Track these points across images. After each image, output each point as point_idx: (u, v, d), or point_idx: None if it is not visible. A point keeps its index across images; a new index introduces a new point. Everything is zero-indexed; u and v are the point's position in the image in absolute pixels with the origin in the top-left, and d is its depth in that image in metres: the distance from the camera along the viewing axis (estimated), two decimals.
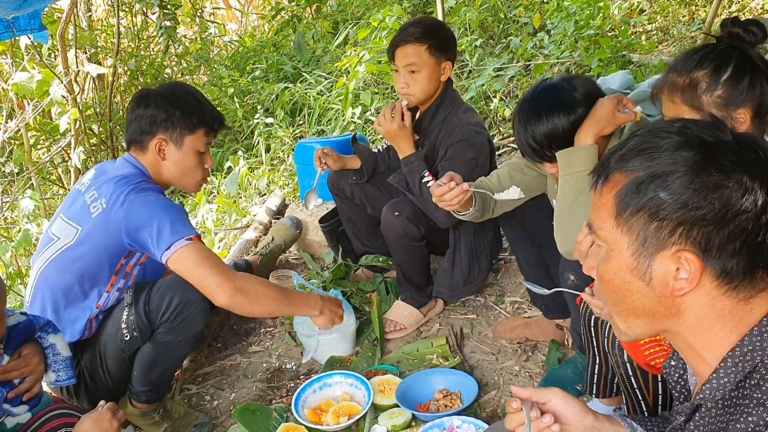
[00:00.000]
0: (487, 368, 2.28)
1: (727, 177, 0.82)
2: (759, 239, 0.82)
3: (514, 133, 1.85)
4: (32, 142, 5.41)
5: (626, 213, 0.87)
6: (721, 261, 0.83)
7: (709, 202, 0.81)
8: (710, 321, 0.87)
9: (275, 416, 2.10)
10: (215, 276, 1.87)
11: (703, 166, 0.82)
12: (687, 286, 0.85)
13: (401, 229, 2.38)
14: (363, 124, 4.57)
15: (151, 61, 6.56)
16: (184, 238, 1.86)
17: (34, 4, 2.44)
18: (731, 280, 0.84)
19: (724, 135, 0.86)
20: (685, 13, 5.54)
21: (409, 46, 2.32)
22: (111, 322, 2.02)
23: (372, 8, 6.22)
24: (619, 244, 0.89)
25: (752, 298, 0.85)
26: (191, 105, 2.06)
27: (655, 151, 0.86)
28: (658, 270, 0.86)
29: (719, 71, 1.41)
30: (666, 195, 0.83)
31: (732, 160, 0.82)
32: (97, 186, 2.01)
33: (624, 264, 0.89)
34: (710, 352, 0.89)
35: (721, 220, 0.81)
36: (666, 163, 0.84)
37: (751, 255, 0.83)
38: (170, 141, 2.04)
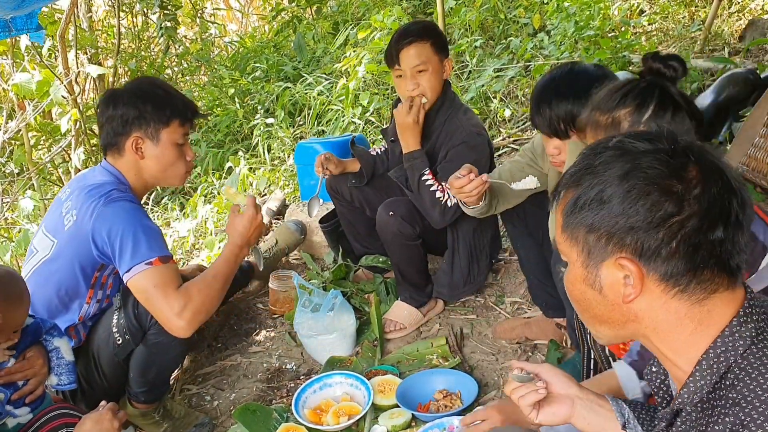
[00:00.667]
0: (487, 368, 2.28)
1: (653, 184, 0.85)
2: (695, 241, 0.84)
3: (533, 103, 1.85)
4: (33, 142, 5.41)
5: (570, 227, 0.93)
6: (660, 265, 0.86)
7: (636, 210, 0.85)
8: (668, 325, 0.90)
9: (275, 416, 2.11)
10: (164, 311, 1.81)
11: (628, 175, 0.86)
12: (633, 292, 0.88)
13: (396, 228, 2.39)
14: (363, 125, 4.57)
15: (151, 62, 6.57)
16: (143, 262, 1.80)
17: (32, 4, 2.45)
18: (676, 283, 0.87)
19: (659, 143, 0.89)
20: (684, 13, 5.54)
21: (414, 46, 2.32)
22: (102, 327, 2.01)
23: (372, 9, 6.22)
24: (572, 257, 0.94)
25: (706, 299, 0.88)
26: (161, 97, 2.00)
27: (592, 166, 0.91)
28: (606, 279, 0.91)
29: (641, 109, 1.39)
30: (599, 207, 0.88)
31: (658, 166, 0.86)
32: (73, 196, 1.97)
33: (578, 275, 0.95)
34: (679, 356, 0.91)
35: (650, 225, 0.85)
36: (600, 177, 0.89)
37: (689, 257, 0.85)
38: (146, 137, 1.98)
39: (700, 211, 0.84)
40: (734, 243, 0.86)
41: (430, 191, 2.31)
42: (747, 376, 0.84)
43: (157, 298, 1.81)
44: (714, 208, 0.84)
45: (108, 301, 2.04)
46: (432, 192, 2.31)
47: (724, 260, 0.86)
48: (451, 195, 2.29)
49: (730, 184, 0.87)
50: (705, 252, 0.85)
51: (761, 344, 0.86)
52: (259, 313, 2.89)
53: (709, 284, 0.87)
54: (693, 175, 0.85)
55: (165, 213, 4.52)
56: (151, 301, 1.82)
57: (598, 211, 0.88)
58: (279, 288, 2.80)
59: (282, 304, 2.81)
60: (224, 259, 2.00)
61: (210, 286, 1.91)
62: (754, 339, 0.86)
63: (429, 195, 2.31)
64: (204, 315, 1.88)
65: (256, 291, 3.05)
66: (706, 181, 0.85)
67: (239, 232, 2.01)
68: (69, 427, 1.61)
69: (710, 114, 3.46)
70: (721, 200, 0.85)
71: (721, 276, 0.87)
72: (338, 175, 2.74)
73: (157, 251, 1.84)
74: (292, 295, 2.75)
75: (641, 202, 0.85)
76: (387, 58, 2.41)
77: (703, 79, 4.16)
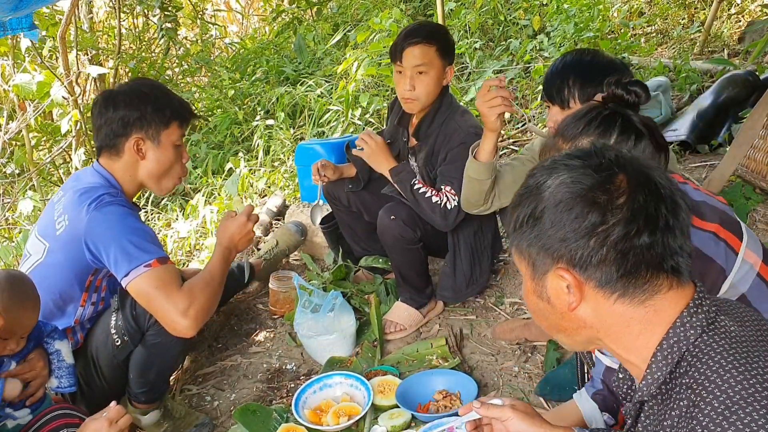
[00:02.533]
0: (486, 369, 2.29)
1: (578, 197, 0.90)
2: (622, 247, 0.89)
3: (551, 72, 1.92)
4: (33, 143, 5.42)
5: (515, 245, 1.00)
6: (594, 272, 0.91)
7: (563, 223, 0.91)
8: (617, 327, 0.94)
9: (275, 417, 2.11)
10: (169, 312, 1.80)
11: (557, 192, 0.92)
12: (575, 300, 0.94)
13: (397, 232, 2.39)
14: (363, 126, 4.58)
15: (152, 63, 6.57)
16: (141, 264, 1.79)
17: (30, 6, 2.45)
18: (614, 288, 0.92)
19: (588, 159, 0.94)
20: (684, 15, 5.55)
21: (419, 47, 2.32)
22: (100, 329, 2.01)
23: (372, 11, 6.23)
24: (522, 272, 1.02)
25: (649, 300, 0.92)
26: (161, 99, 2.00)
27: (528, 186, 0.98)
28: (551, 290, 0.97)
29: (604, 137, 1.40)
30: (534, 223, 0.95)
31: (580, 180, 0.91)
32: (64, 200, 1.96)
33: (529, 288, 1.01)
34: (634, 355, 0.96)
35: (578, 236, 0.90)
36: (533, 196, 0.96)
37: (620, 262, 0.90)
38: (147, 139, 1.98)
39: (624, 219, 0.88)
40: (665, 246, 0.90)
41: (426, 198, 2.32)
42: (698, 361, 0.88)
43: (161, 299, 1.80)
44: (639, 215, 0.88)
45: (103, 303, 2.04)
46: (428, 198, 2.32)
47: (657, 263, 0.90)
48: (449, 197, 2.29)
49: (659, 192, 0.90)
50: (634, 257, 0.89)
51: (711, 332, 0.90)
52: (259, 314, 2.90)
53: (648, 286, 0.91)
54: (619, 185, 0.90)
55: (165, 214, 4.52)
56: (154, 303, 1.81)
57: (533, 228, 0.95)
58: (279, 288, 2.81)
59: (282, 304, 2.81)
60: (215, 261, 2.01)
61: (210, 285, 1.92)
62: (705, 328, 0.91)
63: (426, 201, 2.32)
64: (207, 314, 1.88)
65: (256, 291, 3.06)
66: (632, 190, 0.89)
67: (227, 234, 2.03)
68: (69, 428, 1.61)
69: (710, 115, 3.47)
70: (647, 207, 0.89)
71: (658, 278, 0.91)
72: (335, 180, 2.75)
73: (154, 253, 1.83)
74: (292, 296, 2.76)
75: (567, 214, 0.91)
76: (391, 52, 2.42)
77: (702, 81, 4.17)
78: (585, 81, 1.86)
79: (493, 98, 1.96)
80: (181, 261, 3.71)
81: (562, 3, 5.07)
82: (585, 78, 1.86)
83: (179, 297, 1.81)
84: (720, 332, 0.90)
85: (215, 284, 1.94)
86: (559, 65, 1.93)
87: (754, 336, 0.91)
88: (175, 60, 6.98)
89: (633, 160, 0.94)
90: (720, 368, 0.85)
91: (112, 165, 2.01)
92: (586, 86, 1.86)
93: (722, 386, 0.83)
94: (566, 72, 1.88)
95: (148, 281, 1.80)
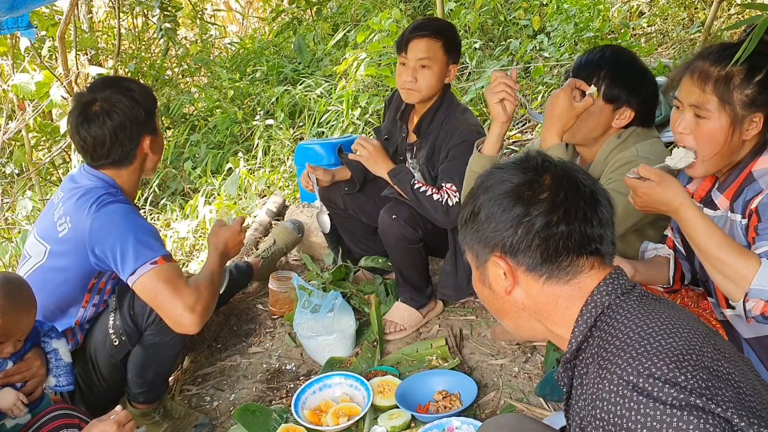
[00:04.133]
0: (486, 369, 2.28)
1: (507, 192, 1.04)
2: (544, 234, 1.02)
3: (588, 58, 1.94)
4: (33, 143, 5.41)
5: (463, 240, 1.14)
6: (523, 258, 1.04)
7: (495, 215, 1.05)
8: (549, 306, 1.06)
9: (275, 417, 2.11)
10: (177, 307, 1.80)
11: (490, 190, 1.07)
12: (510, 284, 1.07)
13: (399, 232, 2.39)
14: (363, 126, 4.58)
15: (151, 63, 6.58)
16: (148, 262, 1.80)
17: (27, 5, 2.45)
18: (540, 271, 1.04)
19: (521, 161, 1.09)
20: (684, 15, 5.55)
21: (425, 41, 2.34)
22: (98, 329, 2.01)
23: (372, 11, 6.23)
24: (471, 264, 1.15)
25: (573, 279, 1.04)
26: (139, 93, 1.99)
27: (473, 190, 1.13)
28: (491, 276, 1.09)
29: (753, 71, 1.43)
30: (474, 219, 1.09)
31: (510, 179, 1.06)
32: (65, 201, 1.95)
33: (476, 277, 1.15)
34: (562, 328, 1.07)
35: (508, 226, 1.04)
36: (475, 197, 1.10)
37: (543, 248, 1.02)
38: (151, 133, 2.02)
39: (545, 210, 1.02)
40: (583, 234, 1.03)
41: (427, 196, 2.32)
42: (609, 317, 1.00)
43: (168, 294, 1.80)
44: (559, 207, 1.02)
45: (105, 305, 2.04)
46: (429, 196, 2.32)
47: (577, 248, 1.03)
48: (450, 194, 2.30)
49: (579, 188, 1.04)
50: (554, 243, 1.02)
51: (626, 297, 1.02)
52: (258, 314, 2.89)
53: (571, 268, 1.04)
54: (545, 183, 1.04)
55: (165, 214, 4.52)
56: (162, 299, 1.81)
57: (473, 223, 1.09)
58: (279, 289, 2.81)
59: (282, 305, 2.81)
60: (214, 262, 2.06)
61: (213, 284, 1.96)
62: (620, 295, 1.02)
63: (427, 200, 2.32)
64: (210, 311, 1.90)
65: (256, 292, 3.06)
66: (554, 187, 1.03)
67: (222, 240, 2.11)
68: (69, 428, 1.61)
69: None
70: (566, 201, 1.02)
71: (579, 260, 1.04)
72: (330, 184, 2.75)
73: (159, 250, 1.84)
74: (291, 296, 2.75)
75: (498, 207, 1.05)
76: (398, 43, 2.44)
77: None
78: (614, 80, 1.87)
79: (497, 85, 1.97)
80: (180, 261, 3.71)
81: (562, 3, 5.07)
82: (615, 77, 1.86)
83: (187, 292, 1.82)
84: (633, 297, 1.02)
85: (216, 284, 1.98)
86: (598, 54, 1.93)
87: (667, 305, 1.02)
88: (175, 60, 6.98)
89: (559, 163, 1.08)
90: (625, 319, 0.98)
91: (117, 173, 1.99)
92: (613, 86, 1.87)
93: (624, 330, 0.96)
94: (602, 64, 1.89)
95: (156, 278, 1.80)
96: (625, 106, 1.90)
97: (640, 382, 0.87)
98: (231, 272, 2.82)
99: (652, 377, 0.87)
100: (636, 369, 0.89)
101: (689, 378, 0.86)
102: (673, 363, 0.88)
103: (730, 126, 1.46)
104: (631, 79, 1.88)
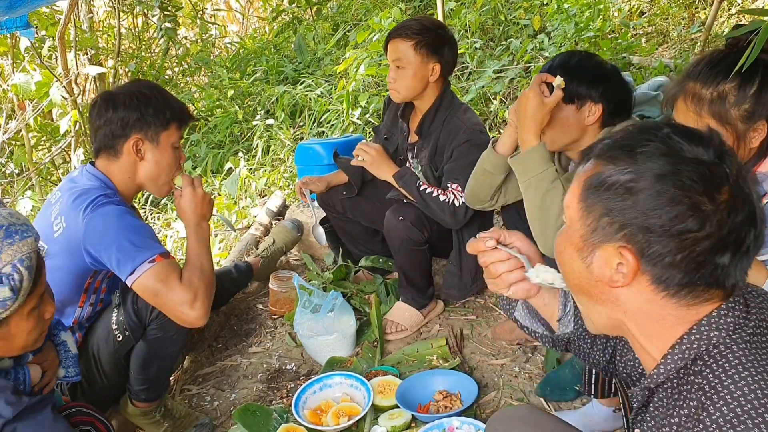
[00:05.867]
0: (486, 369, 2.28)
1: (684, 195, 0.84)
2: (701, 259, 0.85)
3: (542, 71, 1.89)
4: (33, 143, 5.42)
5: (588, 200, 0.91)
6: (658, 269, 0.86)
7: (658, 213, 0.84)
8: (649, 317, 0.91)
9: (275, 417, 2.11)
10: (177, 304, 1.80)
11: (665, 178, 0.85)
12: (622, 281, 0.89)
13: (405, 233, 2.39)
14: (363, 126, 4.58)
15: (151, 63, 6.58)
16: (146, 260, 1.79)
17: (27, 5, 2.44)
18: (667, 288, 0.88)
19: (705, 153, 0.87)
20: (684, 15, 5.55)
21: (398, 41, 2.37)
22: (101, 325, 2.01)
23: (372, 10, 6.23)
24: (575, 224, 0.94)
25: (695, 305, 0.89)
26: (161, 101, 2.00)
27: (633, 149, 0.89)
28: (600, 259, 0.90)
29: (746, 85, 1.39)
30: (625, 195, 0.87)
31: (696, 179, 0.84)
32: (61, 201, 1.95)
33: (573, 242, 0.94)
34: (653, 345, 0.93)
35: (665, 232, 0.84)
36: (636, 166, 0.87)
37: (689, 272, 0.86)
38: (146, 140, 1.98)
39: (717, 234, 0.84)
40: (737, 269, 0.87)
41: (434, 197, 2.32)
42: (715, 363, 0.85)
43: (167, 292, 1.80)
44: (731, 235, 0.84)
45: (102, 304, 2.04)
46: (436, 198, 2.32)
47: (722, 281, 0.87)
48: (456, 195, 2.30)
49: (754, 216, 0.87)
50: (707, 271, 0.86)
51: (736, 336, 0.87)
52: (259, 314, 2.89)
53: (702, 296, 0.88)
54: (724, 197, 0.84)
55: (165, 214, 4.52)
56: (162, 297, 1.81)
57: (623, 200, 0.87)
58: (279, 289, 2.81)
59: (282, 304, 2.81)
60: (192, 243, 1.98)
61: (202, 270, 1.90)
62: (730, 332, 0.87)
63: (434, 201, 2.32)
64: (210, 298, 1.88)
65: (256, 292, 3.06)
66: (733, 207, 0.84)
67: (187, 212, 2.00)
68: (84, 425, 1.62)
69: None
70: (740, 229, 0.85)
71: (716, 292, 0.89)
72: (327, 190, 2.75)
73: (155, 249, 1.84)
74: (292, 296, 2.75)
75: (667, 208, 0.84)
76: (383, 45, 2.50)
77: None
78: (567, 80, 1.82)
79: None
80: (181, 260, 3.70)
81: (562, 3, 5.07)
82: (567, 78, 1.82)
83: (183, 289, 1.82)
84: (745, 336, 0.87)
85: (207, 267, 1.93)
86: (547, 66, 1.90)
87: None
88: (175, 60, 6.98)
89: (743, 172, 0.88)
90: (736, 374, 0.83)
91: (109, 167, 2.00)
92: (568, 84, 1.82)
93: (735, 393, 0.81)
94: (552, 70, 1.86)
95: (154, 276, 1.80)
96: (589, 102, 1.84)
97: None
98: (231, 272, 2.82)
99: None
100: None
101: None
102: None
103: (734, 143, 1.42)
104: (583, 75, 1.83)
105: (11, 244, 1.35)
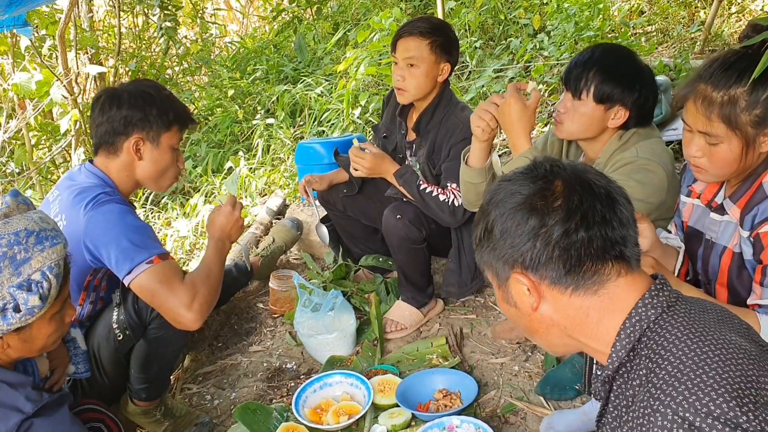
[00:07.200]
0: (486, 368, 2.29)
1: (519, 205, 0.99)
2: (564, 244, 0.96)
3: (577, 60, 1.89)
4: (33, 142, 5.42)
5: (480, 259, 1.08)
6: (546, 271, 0.98)
7: (510, 231, 0.99)
8: (579, 319, 1.01)
9: (275, 416, 2.11)
10: (174, 306, 1.80)
11: (501, 205, 1.01)
12: (536, 299, 1.01)
13: (403, 232, 2.39)
14: (363, 125, 4.58)
15: (152, 62, 6.58)
16: (144, 261, 1.79)
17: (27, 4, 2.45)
18: (566, 283, 0.98)
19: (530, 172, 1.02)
20: (684, 14, 5.55)
21: (412, 39, 2.34)
22: (102, 324, 2.01)
23: (372, 10, 6.23)
24: (492, 283, 1.09)
25: (601, 289, 0.99)
26: (165, 102, 2.01)
27: (483, 206, 1.07)
28: (515, 295, 1.04)
29: (758, 89, 1.36)
30: (489, 237, 1.03)
31: (523, 191, 0.99)
32: (60, 199, 1.95)
33: (499, 297, 1.09)
34: (598, 342, 1.01)
35: (525, 240, 0.98)
36: (486, 214, 1.05)
37: (565, 258, 0.97)
38: (147, 140, 1.98)
39: (561, 219, 0.96)
40: (605, 238, 0.97)
41: (433, 197, 2.33)
42: (656, 334, 0.94)
43: (165, 293, 1.80)
44: (575, 213, 0.96)
45: (102, 302, 2.04)
46: (435, 197, 2.33)
47: (600, 254, 0.97)
48: (456, 194, 2.30)
49: (593, 190, 0.98)
50: (576, 251, 0.96)
51: (672, 311, 0.96)
52: (259, 313, 2.90)
53: (597, 276, 0.98)
54: (556, 189, 0.98)
55: (165, 213, 4.52)
56: (159, 298, 1.81)
57: (488, 241, 1.03)
58: (279, 288, 2.81)
59: (282, 303, 2.81)
60: (211, 254, 2.00)
61: (210, 278, 1.92)
62: (666, 309, 0.97)
63: (433, 201, 2.33)
64: (210, 306, 1.88)
65: (256, 291, 3.06)
66: (567, 192, 0.97)
67: (216, 226, 2.04)
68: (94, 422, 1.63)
69: None
70: (582, 206, 0.96)
71: (605, 267, 0.98)
72: (328, 188, 2.75)
73: (154, 249, 1.83)
74: (292, 295, 2.76)
75: (512, 222, 0.99)
76: (392, 43, 2.45)
77: None
78: (604, 80, 1.84)
79: (483, 111, 1.96)
80: (181, 260, 3.71)
81: (562, 2, 5.07)
82: (604, 76, 1.84)
83: (182, 290, 1.82)
84: (680, 312, 0.96)
85: (214, 276, 1.94)
86: (587, 55, 1.90)
87: (714, 318, 0.97)
88: (175, 59, 6.98)
89: (569, 166, 1.02)
90: (676, 339, 0.92)
91: (107, 164, 2.00)
92: (603, 85, 1.84)
93: (677, 353, 0.89)
94: (591, 64, 1.86)
95: (151, 277, 1.80)
96: (619, 106, 1.86)
97: (697, 421, 0.81)
98: (231, 271, 2.82)
99: (711, 416, 0.80)
100: (693, 405, 0.82)
101: (751, 419, 0.80)
102: (734, 400, 0.81)
103: (743, 148, 1.41)
104: (622, 78, 1.84)
105: (41, 251, 1.33)
